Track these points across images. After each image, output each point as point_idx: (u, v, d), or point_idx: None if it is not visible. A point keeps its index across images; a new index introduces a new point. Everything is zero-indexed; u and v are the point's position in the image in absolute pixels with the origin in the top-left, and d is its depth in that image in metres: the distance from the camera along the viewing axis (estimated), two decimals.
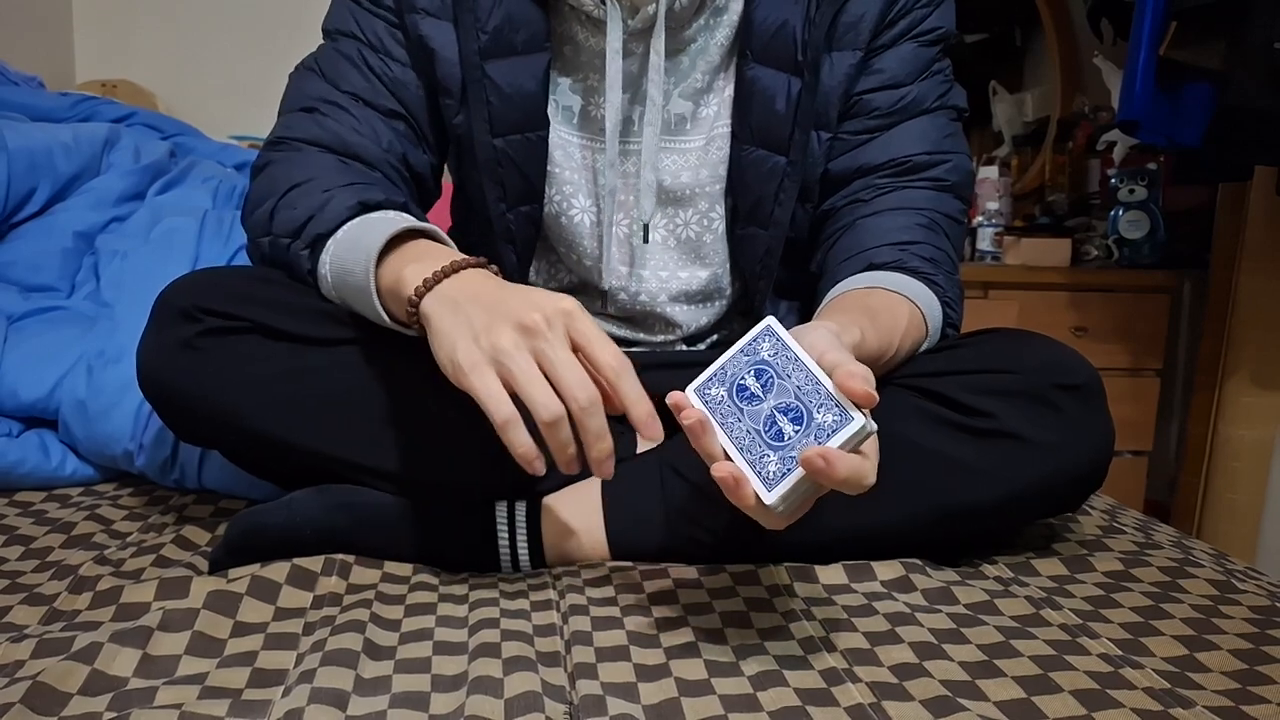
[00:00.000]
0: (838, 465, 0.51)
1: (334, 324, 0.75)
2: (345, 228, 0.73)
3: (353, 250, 0.70)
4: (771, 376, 0.56)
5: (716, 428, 0.56)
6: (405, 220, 0.71)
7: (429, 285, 0.64)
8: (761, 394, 0.56)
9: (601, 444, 0.59)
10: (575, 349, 0.60)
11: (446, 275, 0.64)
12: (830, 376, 0.54)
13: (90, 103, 1.49)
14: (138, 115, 1.52)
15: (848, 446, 0.52)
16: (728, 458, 0.56)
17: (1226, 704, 0.55)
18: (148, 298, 0.75)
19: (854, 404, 0.53)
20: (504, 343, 0.59)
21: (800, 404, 0.54)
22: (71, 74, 1.95)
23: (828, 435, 0.53)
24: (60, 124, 1.35)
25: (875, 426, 0.53)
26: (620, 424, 0.83)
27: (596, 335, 0.60)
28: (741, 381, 0.57)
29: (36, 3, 1.88)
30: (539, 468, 0.60)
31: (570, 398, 0.58)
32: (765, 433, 0.55)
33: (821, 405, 0.54)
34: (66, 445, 1.01)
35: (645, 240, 0.88)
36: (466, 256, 0.67)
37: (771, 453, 0.54)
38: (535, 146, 0.86)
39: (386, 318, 0.69)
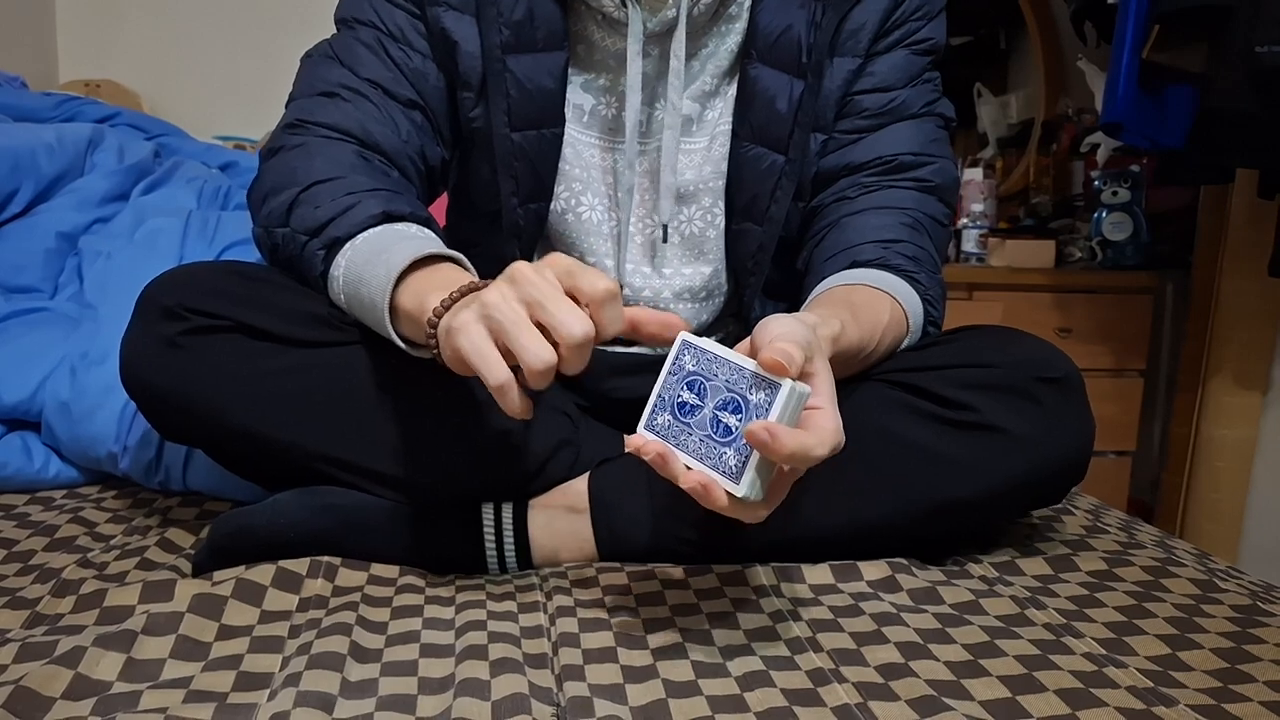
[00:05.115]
0: (781, 437, 0.52)
1: (318, 326, 0.74)
2: (364, 235, 0.72)
3: (370, 264, 0.69)
4: (702, 383, 0.58)
5: (675, 450, 0.57)
6: (430, 243, 0.69)
7: (446, 306, 0.62)
8: (700, 402, 0.57)
9: (579, 371, 0.57)
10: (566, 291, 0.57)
11: (463, 295, 0.62)
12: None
13: (74, 103, 1.48)
14: (122, 115, 1.52)
15: (786, 414, 0.54)
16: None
17: (1209, 702, 0.55)
18: (131, 299, 0.75)
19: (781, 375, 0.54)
20: (491, 296, 0.57)
21: (734, 395, 0.56)
22: (55, 74, 1.94)
23: (765, 411, 0.54)
24: (44, 124, 1.34)
25: (807, 389, 0.54)
26: (608, 426, 0.84)
27: (583, 268, 0.57)
28: (679, 399, 0.58)
29: (19, 2, 1.86)
30: (528, 416, 0.58)
31: (565, 334, 0.55)
32: (715, 434, 0.56)
33: (752, 387, 0.55)
34: (50, 447, 1.00)
35: (665, 240, 0.89)
36: (485, 280, 0.64)
37: (726, 448, 0.56)
38: (550, 143, 0.86)
39: (396, 336, 0.67)
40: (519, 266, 0.58)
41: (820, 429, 0.54)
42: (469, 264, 0.70)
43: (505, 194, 0.87)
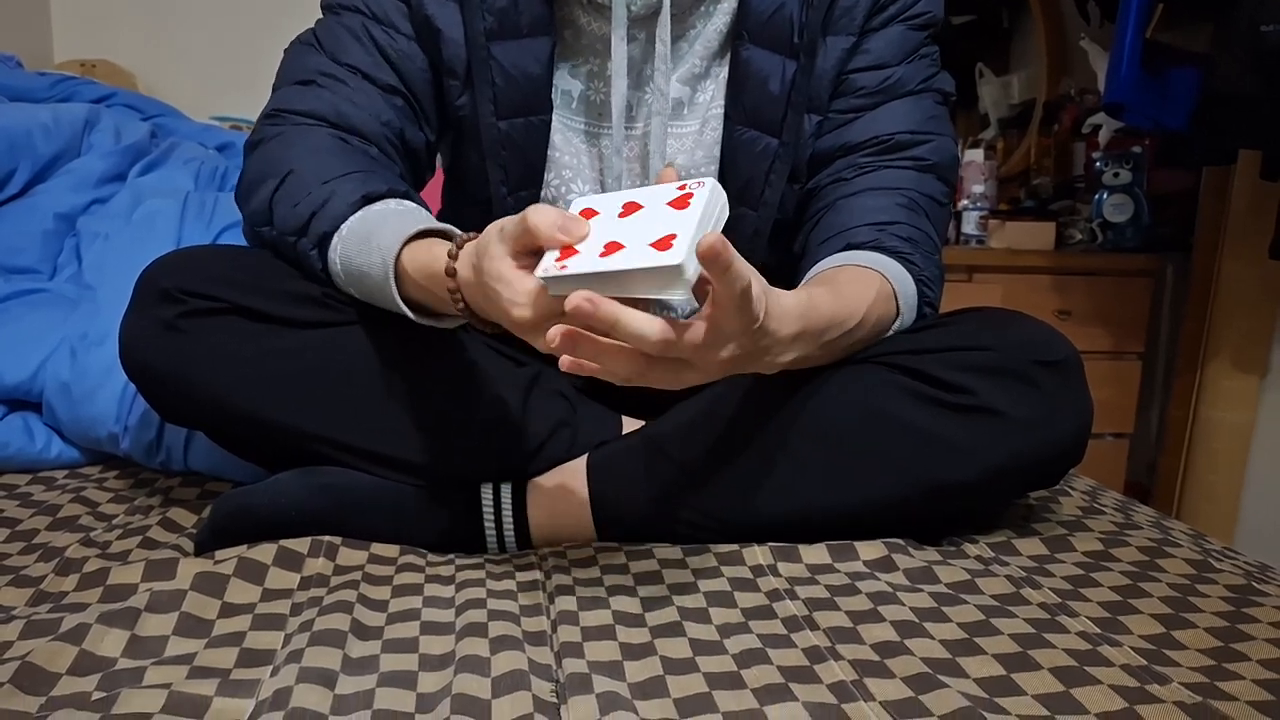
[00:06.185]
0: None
1: (315, 307, 0.74)
2: (348, 224, 0.72)
3: (364, 253, 0.69)
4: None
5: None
6: (413, 219, 0.70)
7: (462, 306, 0.64)
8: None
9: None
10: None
11: (459, 289, 0.63)
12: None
13: (69, 83, 1.47)
14: (118, 96, 1.51)
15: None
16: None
17: (1202, 680, 0.56)
18: (130, 280, 0.75)
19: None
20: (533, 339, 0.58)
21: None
22: (50, 54, 1.93)
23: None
24: (39, 104, 1.34)
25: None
26: (605, 407, 0.84)
27: (502, 305, 0.58)
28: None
29: None
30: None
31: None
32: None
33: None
34: (51, 428, 1.01)
35: None
36: (448, 249, 0.64)
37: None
38: (537, 130, 0.85)
39: (412, 315, 0.68)
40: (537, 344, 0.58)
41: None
42: (452, 230, 0.69)
43: (494, 182, 0.86)
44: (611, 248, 0.55)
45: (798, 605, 0.65)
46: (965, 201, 2.11)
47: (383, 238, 0.68)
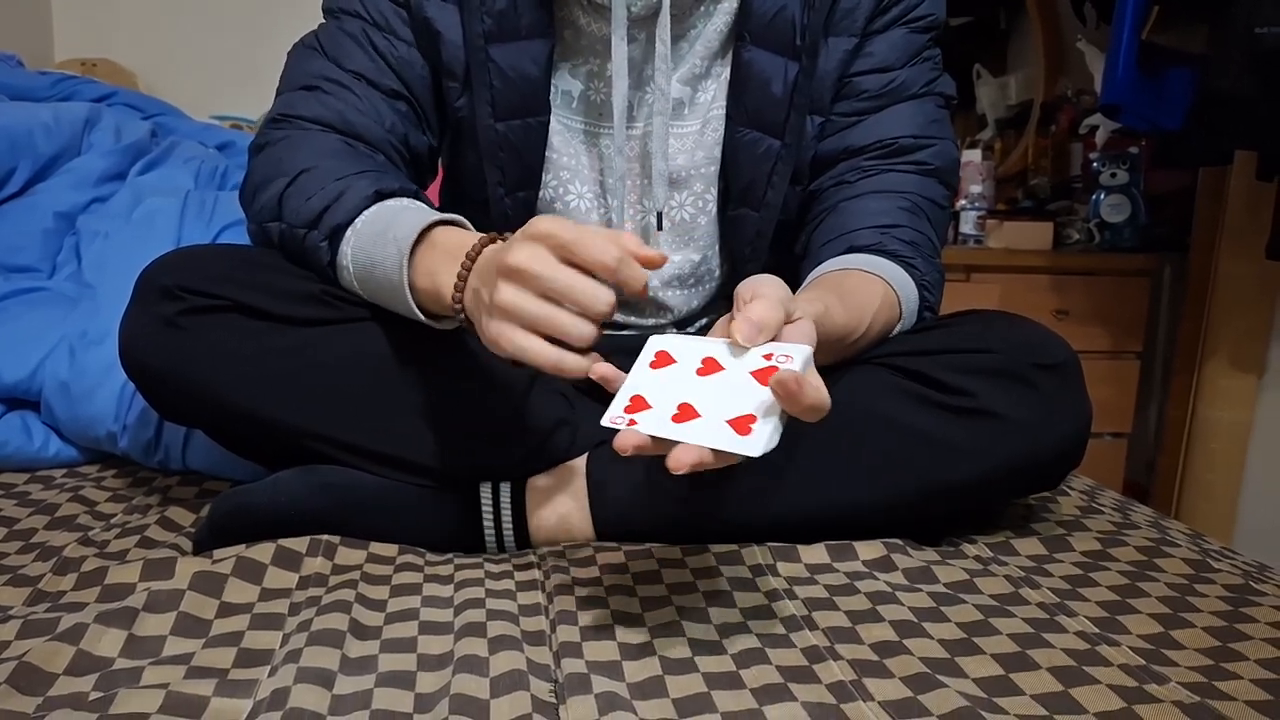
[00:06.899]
0: (805, 386, 0.51)
1: (315, 305, 0.74)
2: (363, 217, 0.72)
3: (378, 244, 0.69)
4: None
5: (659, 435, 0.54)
6: (428, 211, 0.70)
7: (461, 286, 0.64)
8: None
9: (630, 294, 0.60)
10: (568, 261, 0.58)
11: (472, 262, 0.64)
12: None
13: (70, 82, 1.47)
14: (118, 95, 1.51)
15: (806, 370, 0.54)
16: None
17: (1200, 680, 0.56)
18: (130, 279, 0.75)
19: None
20: (507, 298, 0.58)
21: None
22: (50, 53, 1.93)
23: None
24: (40, 103, 1.34)
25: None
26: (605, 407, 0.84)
27: (578, 238, 0.57)
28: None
29: None
30: (592, 363, 0.60)
31: (594, 313, 0.58)
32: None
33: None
34: (49, 427, 1.00)
35: (660, 227, 0.88)
36: (481, 236, 0.65)
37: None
38: (536, 132, 0.85)
39: (421, 314, 0.68)
40: (516, 259, 0.58)
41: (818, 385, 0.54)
42: (468, 223, 0.70)
43: (491, 183, 0.86)
44: (685, 412, 0.55)
45: (797, 605, 0.65)
46: (963, 201, 2.12)
47: (399, 229, 0.68)
